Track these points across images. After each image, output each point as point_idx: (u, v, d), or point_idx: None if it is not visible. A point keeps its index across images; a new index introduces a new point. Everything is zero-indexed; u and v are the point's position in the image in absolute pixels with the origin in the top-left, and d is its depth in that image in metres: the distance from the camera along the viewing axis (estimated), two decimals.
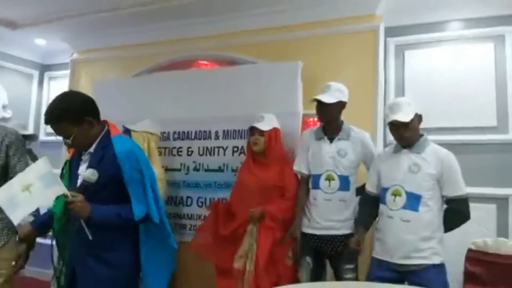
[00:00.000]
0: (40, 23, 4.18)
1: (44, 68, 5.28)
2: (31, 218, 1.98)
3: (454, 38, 3.32)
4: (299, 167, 2.73)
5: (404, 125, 2.24)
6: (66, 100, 1.85)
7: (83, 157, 1.92)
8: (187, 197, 3.50)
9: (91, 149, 1.89)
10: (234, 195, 2.98)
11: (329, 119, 2.64)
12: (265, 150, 2.86)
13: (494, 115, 3.14)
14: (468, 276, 2.69)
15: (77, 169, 1.91)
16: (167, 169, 3.51)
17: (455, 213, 2.27)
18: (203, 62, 3.79)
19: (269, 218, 2.67)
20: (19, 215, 1.69)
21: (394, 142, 2.42)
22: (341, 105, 2.61)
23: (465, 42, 3.29)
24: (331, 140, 2.62)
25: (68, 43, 4.60)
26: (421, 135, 2.32)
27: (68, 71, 4.67)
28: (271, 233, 2.68)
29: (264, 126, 2.85)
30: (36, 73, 5.23)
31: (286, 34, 3.50)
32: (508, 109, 3.11)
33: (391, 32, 3.44)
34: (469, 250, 2.73)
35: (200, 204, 3.44)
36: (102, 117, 1.97)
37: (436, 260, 2.19)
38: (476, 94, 3.18)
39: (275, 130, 2.90)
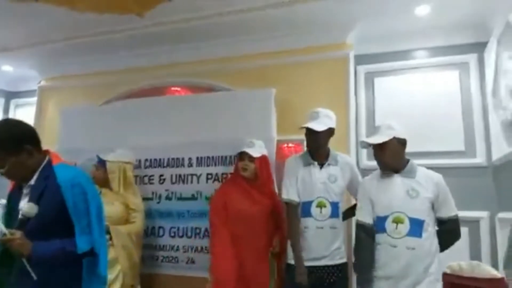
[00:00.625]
0: (7, 50, 4.08)
1: (10, 95, 5.12)
2: None
3: (421, 66, 3.44)
4: (289, 194, 2.56)
5: (379, 147, 2.24)
6: (4, 128, 1.73)
7: (24, 190, 1.78)
8: (159, 227, 3.37)
9: (32, 181, 1.75)
10: (235, 225, 2.69)
11: (319, 146, 2.59)
12: (256, 178, 2.80)
13: (461, 140, 3.23)
14: None
15: (18, 203, 1.77)
16: None
17: (449, 233, 2.25)
18: (176, 89, 3.76)
19: (281, 250, 2.67)
20: None
21: (367, 167, 2.41)
22: (330, 132, 2.58)
23: (432, 69, 3.41)
24: (321, 166, 2.58)
25: (36, 70, 4.49)
26: (408, 160, 2.30)
27: (35, 99, 4.54)
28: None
29: (255, 152, 2.79)
30: (1, 101, 5.06)
31: (260, 62, 3.54)
32: (475, 134, 3.21)
33: (361, 60, 3.54)
34: (445, 274, 2.72)
35: (172, 234, 3.32)
36: (70, 144, 1.88)
37: (439, 286, 2.18)
38: (444, 120, 3.28)
39: (264, 158, 2.85)
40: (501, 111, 2.82)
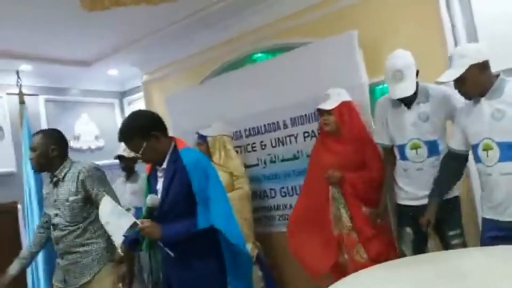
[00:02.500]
0: (108, 55, 4.54)
1: (122, 95, 5.73)
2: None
3: None
4: (381, 138, 2.59)
5: (457, 81, 2.06)
6: (134, 118, 2.02)
7: (158, 173, 2.04)
8: (270, 189, 3.55)
9: (164, 165, 2.01)
10: (311, 175, 2.91)
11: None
12: (339, 128, 2.73)
13: None
14: None
15: (156, 185, 2.04)
16: (245, 166, 3.58)
17: None
18: (259, 55, 3.79)
19: (349, 184, 2.65)
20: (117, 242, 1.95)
21: None
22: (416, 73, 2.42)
23: None
24: (409, 106, 2.45)
25: (137, 67, 4.91)
26: (497, 76, 2.05)
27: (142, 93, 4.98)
28: (358, 199, 2.67)
29: (329, 104, 2.72)
30: (116, 101, 5.71)
31: (335, 6, 3.35)
32: None
33: None
34: None
35: (283, 194, 3.47)
36: (180, 129, 2.08)
37: None
38: None
39: (345, 104, 2.74)
40: None
